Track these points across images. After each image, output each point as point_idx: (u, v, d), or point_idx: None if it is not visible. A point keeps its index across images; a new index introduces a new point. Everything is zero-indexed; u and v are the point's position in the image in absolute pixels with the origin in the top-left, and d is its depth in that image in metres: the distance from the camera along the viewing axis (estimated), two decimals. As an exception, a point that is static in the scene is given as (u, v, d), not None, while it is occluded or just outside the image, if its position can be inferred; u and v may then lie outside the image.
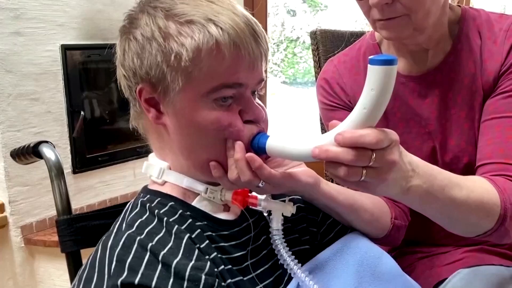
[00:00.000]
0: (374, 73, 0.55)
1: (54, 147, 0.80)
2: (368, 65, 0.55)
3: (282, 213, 0.69)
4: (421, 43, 0.90)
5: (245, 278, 0.66)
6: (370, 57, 0.55)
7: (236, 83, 0.63)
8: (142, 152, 2.10)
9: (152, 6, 0.65)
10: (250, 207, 0.71)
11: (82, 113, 1.90)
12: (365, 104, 0.56)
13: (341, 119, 0.61)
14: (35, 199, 1.83)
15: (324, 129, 1.29)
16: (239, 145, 0.64)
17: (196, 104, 0.64)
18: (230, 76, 0.63)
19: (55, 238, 1.82)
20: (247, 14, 0.65)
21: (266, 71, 0.70)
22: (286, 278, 0.71)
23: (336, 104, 1.00)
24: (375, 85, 0.55)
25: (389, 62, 0.54)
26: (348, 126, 0.58)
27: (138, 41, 0.64)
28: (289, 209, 0.69)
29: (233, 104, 0.65)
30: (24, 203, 1.80)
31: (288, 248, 0.68)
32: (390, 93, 0.56)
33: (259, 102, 0.69)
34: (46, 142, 0.80)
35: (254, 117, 0.66)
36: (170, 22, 0.63)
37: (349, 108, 0.98)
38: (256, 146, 0.66)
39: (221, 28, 0.61)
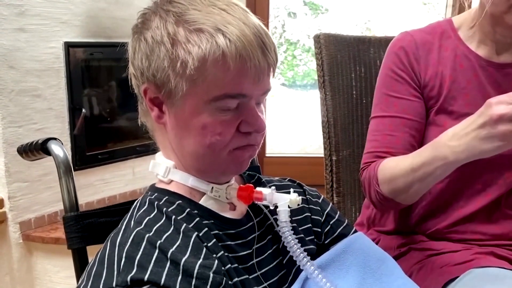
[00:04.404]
0: None
1: (62, 144, 0.81)
2: None
3: (288, 205, 0.69)
4: None
5: (250, 277, 0.67)
6: None
7: (240, 94, 0.64)
8: (142, 151, 2.11)
9: (165, 9, 0.66)
10: (256, 202, 0.71)
11: (83, 110, 1.90)
12: None
13: (403, 94, 0.96)
14: (34, 195, 1.82)
15: (329, 126, 1.29)
16: None
17: (197, 109, 0.65)
18: (234, 87, 0.63)
19: (54, 234, 1.83)
20: (258, 24, 0.65)
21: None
22: (290, 278, 0.72)
23: (404, 76, 1.01)
24: None
25: None
26: None
27: (148, 43, 0.66)
28: (295, 200, 0.68)
29: (235, 115, 0.66)
30: (24, 199, 1.80)
31: (297, 240, 0.68)
32: None
33: (263, 110, 0.70)
34: (55, 139, 0.80)
35: (255, 128, 0.67)
36: (180, 28, 0.63)
37: (414, 84, 1.01)
38: None
39: (229, 39, 0.61)
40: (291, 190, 0.71)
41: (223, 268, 0.62)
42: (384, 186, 0.95)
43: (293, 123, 3.75)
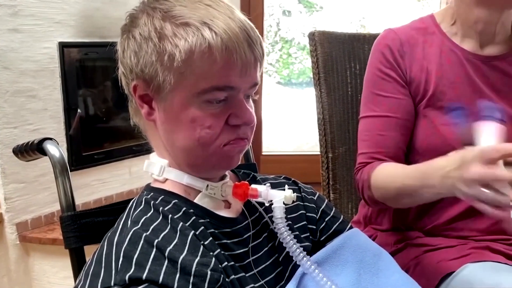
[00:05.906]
0: None
1: (58, 144, 0.80)
2: None
3: (283, 202, 0.69)
4: (496, 23, 0.98)
5: (247, 275, 0.68)
6: None
7: (227, 86, 0.65)
8: (138, 150, 2.10)
9: (152, 7, 0.67)
10: (251, 199, 0.71)
11: (78, 110, 1.90)
12: None
13: (391, 92, 0.98)
14: (30, 196, 1.82)
15: (324, 124, 1.30)
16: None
17: (186, 103, 0.65)
18: (221, 79, 0.64)
19: (50, 235, 1.82)
20: (244, 19, 0.66)
21: (261, 75, 0.71)
22: (287, 275, 0.72)
23: (391, 74, 1.02)
24: None
25: None
26: None
27: (136, 40, 0.67)
28: (290, 196, 0.69)
29: (223, 108, 0.66)
30: (20, 200, 1.79)
31: (293, 236, 0.68)
32: None
33: (252, 105, 0.70)
34: (50, 139, 0.80)
35: (244, 120, 0.67)
36: (166, 23, 0.64)
37: (402, 81, 1.02)
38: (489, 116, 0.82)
39: (214, 32, 0.62)
40: (286, 187, 0.71)
41: (220, 265, 0.62)
42: (376, 193, 0.98)
43: (289, 121, 3.76)
